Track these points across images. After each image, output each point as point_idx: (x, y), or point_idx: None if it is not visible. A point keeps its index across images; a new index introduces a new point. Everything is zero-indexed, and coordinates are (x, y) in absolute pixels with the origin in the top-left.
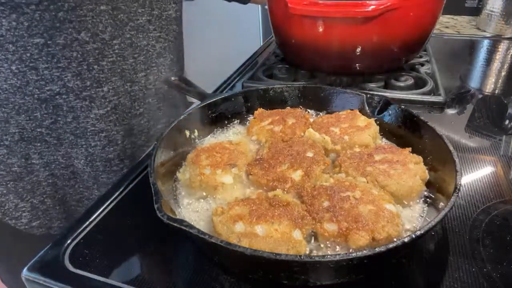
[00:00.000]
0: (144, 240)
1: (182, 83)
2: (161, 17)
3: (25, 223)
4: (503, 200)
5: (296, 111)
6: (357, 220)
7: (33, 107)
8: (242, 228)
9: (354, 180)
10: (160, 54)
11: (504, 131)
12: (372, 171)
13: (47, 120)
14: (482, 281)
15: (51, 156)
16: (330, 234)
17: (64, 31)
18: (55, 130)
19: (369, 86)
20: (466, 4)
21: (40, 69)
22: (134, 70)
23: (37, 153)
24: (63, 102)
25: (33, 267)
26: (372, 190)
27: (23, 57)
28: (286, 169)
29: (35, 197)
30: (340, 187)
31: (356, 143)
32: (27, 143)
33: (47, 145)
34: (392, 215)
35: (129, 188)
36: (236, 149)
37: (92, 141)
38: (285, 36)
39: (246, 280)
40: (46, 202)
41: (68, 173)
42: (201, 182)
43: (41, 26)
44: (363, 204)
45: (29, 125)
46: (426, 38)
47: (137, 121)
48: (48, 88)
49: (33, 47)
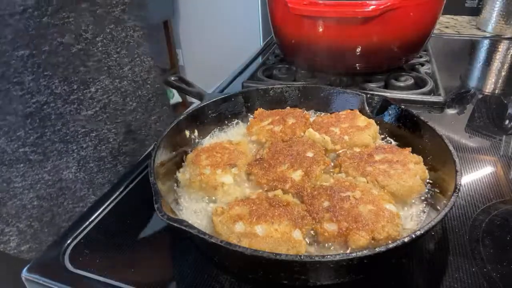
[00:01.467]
0: (144, 240)
1: (182, 83)
2: (132, 3)
3: (14, 247)
4: (503, 200)
5: (296, 111)
6: (357, 220)
7: (16, 126)
8: (242, 228)
9: (354, 180)
10: (140, 44)
11: (504, 131)
12: (372, 171)
13: (32, 136)
14: (482, 281)
15: (35, 176)
16: (330, 234)
17: (49, 36)
18: (40, 145)
19: (369, 86)
20: (466, 4)
21: (25, 83)
22: (119, 65)
23: (20, 175)
24: (51, 110)
25: (33, 267)
26: (372, 190)
27: (5, 74)
28: (286, 169)
29: (21, 221)
30: (340, 187)
31: (356, 143)
32: (8, 167)
33: (30, 164)
34: (392, 215)
35: (129, 188)
36: (236, 149)
37: (84, 142)
38: (285, 36)
39: (246, 280)
40: (34, 226)
41: (55, 191)
42: (201, 182)
43: (26, 36)
44: (363, 204)
45: (11, 147)
46: (426, 38)
47: (133, 116)
48: (34, 100)
49: (18, 60)
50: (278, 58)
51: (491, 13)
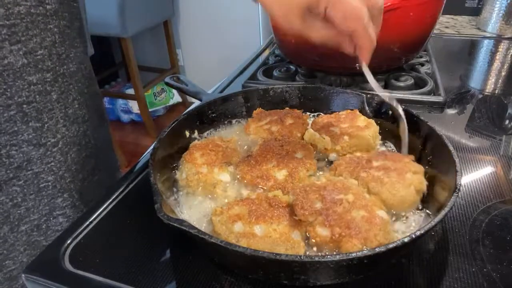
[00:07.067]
0: (144, 240)
1: (181, 83)
2: None
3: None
4: (503, 200)
5: (294, 112)
6: (349, 227)
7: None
8: (241, 228)
9: (346, 181)
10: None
11: (504, 131)
12: (365, 177)
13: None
14: (482, 281)
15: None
16: (321, 240)
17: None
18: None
19: (369, 86)
20: (466, 4)
21: None
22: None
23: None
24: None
25: (33, 267)
26: (364, 194)
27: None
28: (271, 168)
29: None
30: (332, 188)
31: (356, 143)
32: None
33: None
34: (384, 223)
35: (129, 188)
36: (228, 146)
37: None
38: (285, 36)
39: (246, 280)
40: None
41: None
42: (198, 181)
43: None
44: (355, 209)
45: None
46: (426, 38)
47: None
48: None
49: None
50: (278, 58)
51: (491, 13)
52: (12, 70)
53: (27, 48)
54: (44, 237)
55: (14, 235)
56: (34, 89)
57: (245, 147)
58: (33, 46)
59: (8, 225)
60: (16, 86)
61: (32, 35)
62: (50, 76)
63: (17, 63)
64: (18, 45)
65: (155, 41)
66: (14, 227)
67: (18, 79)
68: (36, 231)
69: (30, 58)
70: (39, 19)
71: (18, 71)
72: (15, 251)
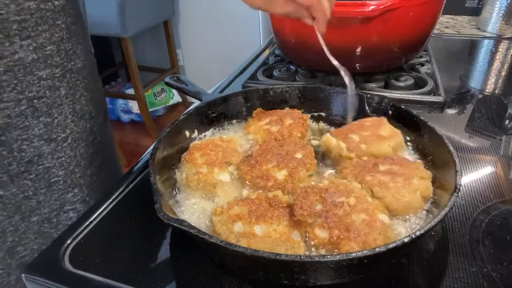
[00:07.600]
0: (144, 240)
1: (181, 83)
2: None
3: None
4: (503, 200)
5: (294, 112)
6: (348, 229)
7: None
8: (241, 228)
9: (349, 184)
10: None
11: (504, 131)
12: (370, 181)
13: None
14: (482, 281)
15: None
16: (320, 242)
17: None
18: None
19: (369, 86)
20: (466, 4)
21: None
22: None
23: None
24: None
25: (33, 267)
26: (367, 197)
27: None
28: (271, 168)
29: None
30: (334, 191)
31: (373, 153)
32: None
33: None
34: (384, 227)
35: (129, 188)
36: (228, 146)
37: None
38: (285, 36)
39: (246, 280)
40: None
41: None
42: (198, 181)
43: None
44: (356, 212)
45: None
46: (426, 38)
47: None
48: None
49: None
50: (278, 58)
51: (491, 13)
52: (22, 65)
53: (36, 43)
54: (54, 230)
55: (26, 224)
56: (44, 84)
57: (245, 147)
58: (42, 42)
59: (20, 215)
60: (26, 81)
61: (41, 30)
62: (58, 71)
63: (27, 58)
64: (28, 40)
65: (155, 41)
66: (25, 217)
67: (29, 74)
68: (47, 223)
69: (39, 53)
70: (48, 14)
71: (29, 66)
72: (26, 238)
